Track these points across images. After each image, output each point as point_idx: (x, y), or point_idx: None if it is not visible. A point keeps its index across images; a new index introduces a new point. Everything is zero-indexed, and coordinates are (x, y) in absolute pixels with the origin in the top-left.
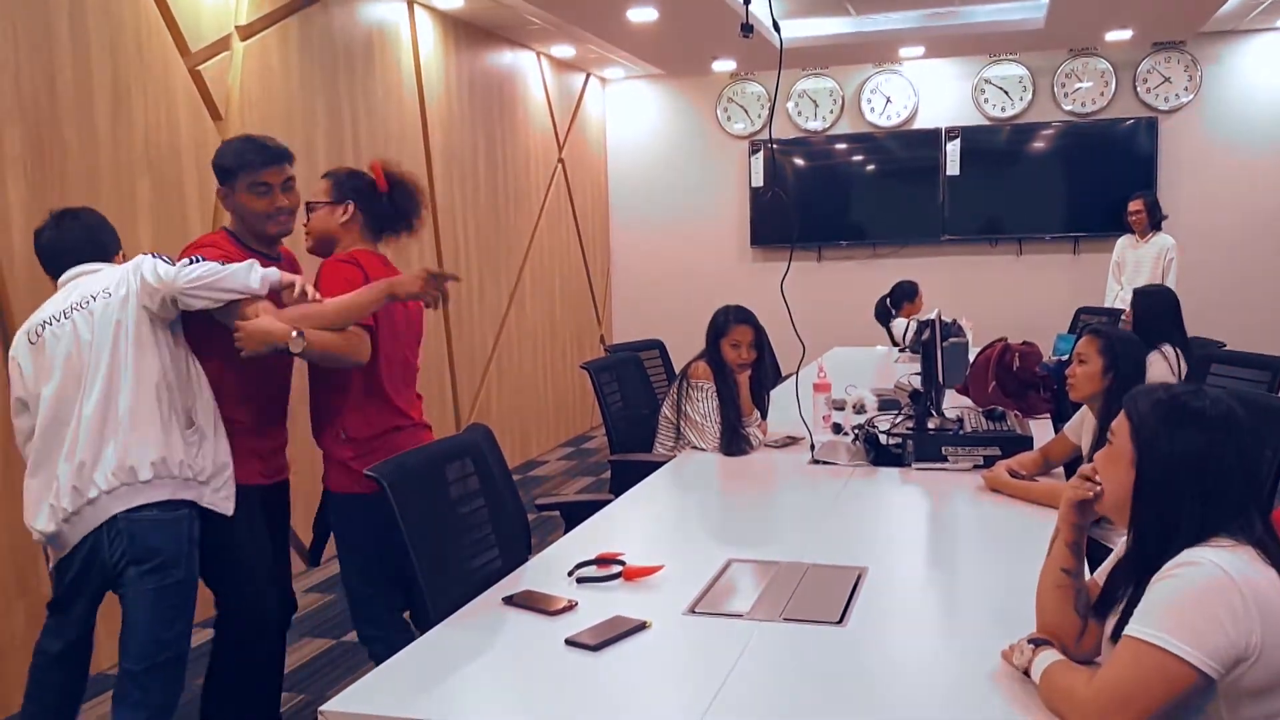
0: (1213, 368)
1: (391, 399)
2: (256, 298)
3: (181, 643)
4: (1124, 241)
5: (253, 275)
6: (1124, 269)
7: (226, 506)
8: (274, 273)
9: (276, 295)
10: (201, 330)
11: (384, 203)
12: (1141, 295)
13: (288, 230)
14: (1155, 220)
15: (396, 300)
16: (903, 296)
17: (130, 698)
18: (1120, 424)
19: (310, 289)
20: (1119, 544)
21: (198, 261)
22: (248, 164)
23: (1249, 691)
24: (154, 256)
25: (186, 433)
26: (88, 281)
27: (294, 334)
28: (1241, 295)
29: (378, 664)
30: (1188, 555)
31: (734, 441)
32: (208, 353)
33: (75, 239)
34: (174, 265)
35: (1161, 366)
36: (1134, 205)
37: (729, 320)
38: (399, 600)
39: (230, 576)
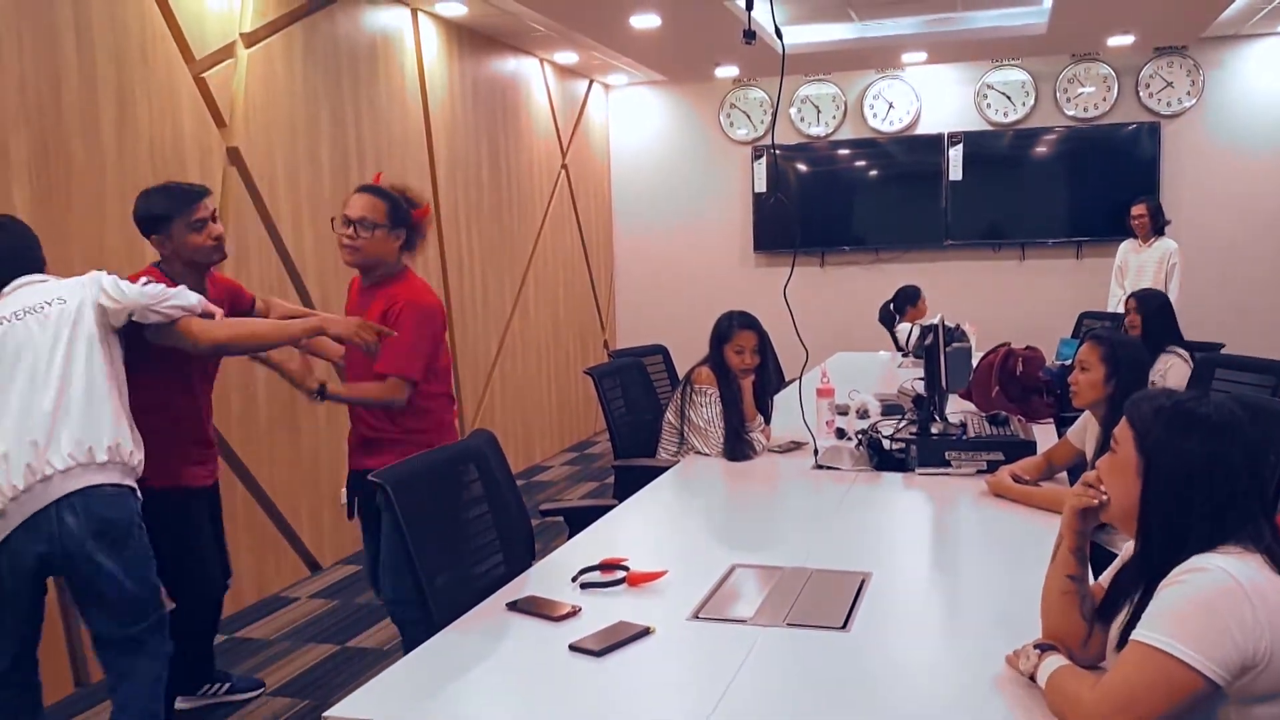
0: (1217, 373)
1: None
2: (193, 313)
3: (159, 597)
4: (1127, 246)
5: (191, 296)
6: (1127, 273)
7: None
8: (198, 296)
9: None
10: (180, 356)
11: (417, 228)
12: (1145, 299)
13: (226, 255)
14: (1158, 225)
15: (325, 335)
16: (906, 301)
17: (135, 662)
18: (1124, 432)
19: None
20: (1123, 549)
21: (149, 282)
22: (181, 207)
23: (1261, 697)
24: (108, 274)
25: (134, 431)
26: (39, 290)
27: (313, 390)
28: (1244, 299)
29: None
30: (1196, 561)
31: (737, 446)
32: (184, 373)
33: (12, 248)
34: (130, 284)
35: (1182, 368)
36: (1137, 210)
37: (732, 325)
38: None
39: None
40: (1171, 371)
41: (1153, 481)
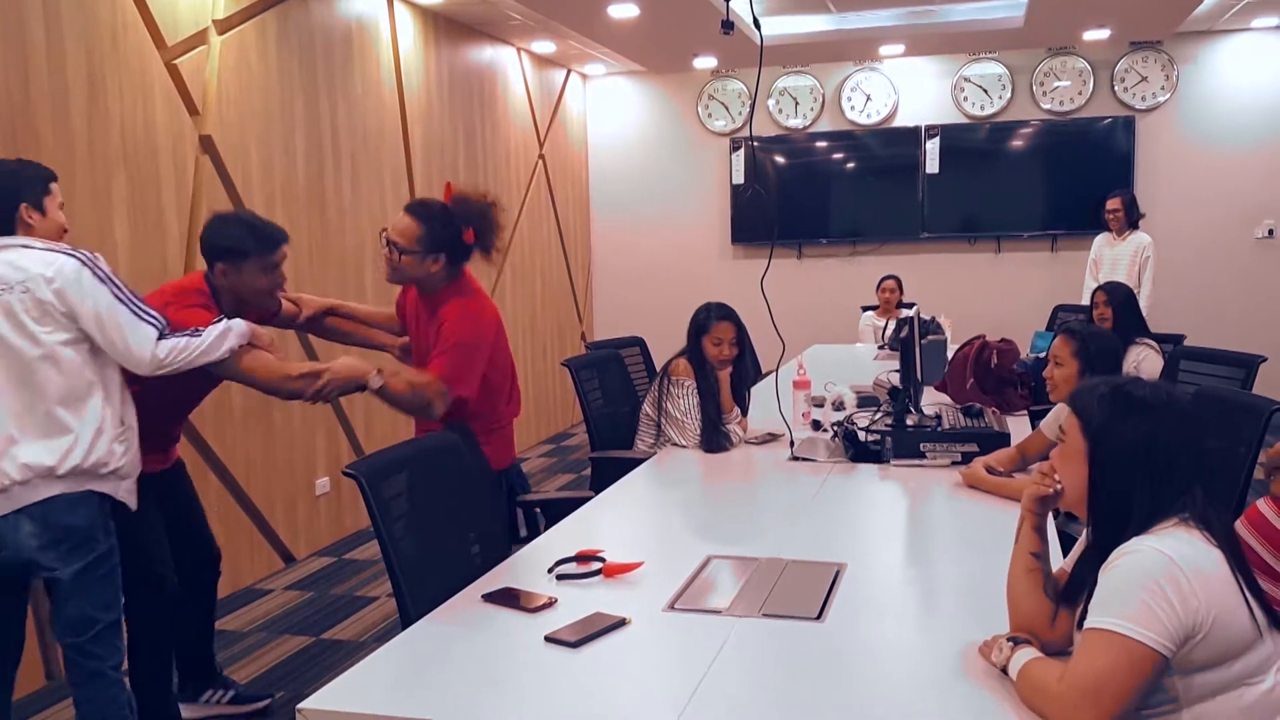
0: (1188, 365)
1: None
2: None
3: (116, 607)
4: (1101, 239)
5: (226, 343)
6: (1101, 267)
7: (131, 501)
8: (240, 325)
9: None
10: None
11: (469, 245)
12: (1113, 291)
13: (276, 306)
14: (1133, 218)
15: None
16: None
17: (85, 668)
18: (1070, 422)
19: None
20: (1082, 536)
21: (168, 334)
22: (264, 247)
23: (1200, 664)
24: (98, 277)
25: (117, 430)
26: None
27: (374, 373)
28: (1216, 293)
29: None
30: (1129, 545)
31: (714, 438)
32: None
33: None
34: (134, 312)
35: (1155, 359)
36: (1111, 204)
37: (710, 317)
38: None
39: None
40: (1145, 363)
41: (1097, 462)
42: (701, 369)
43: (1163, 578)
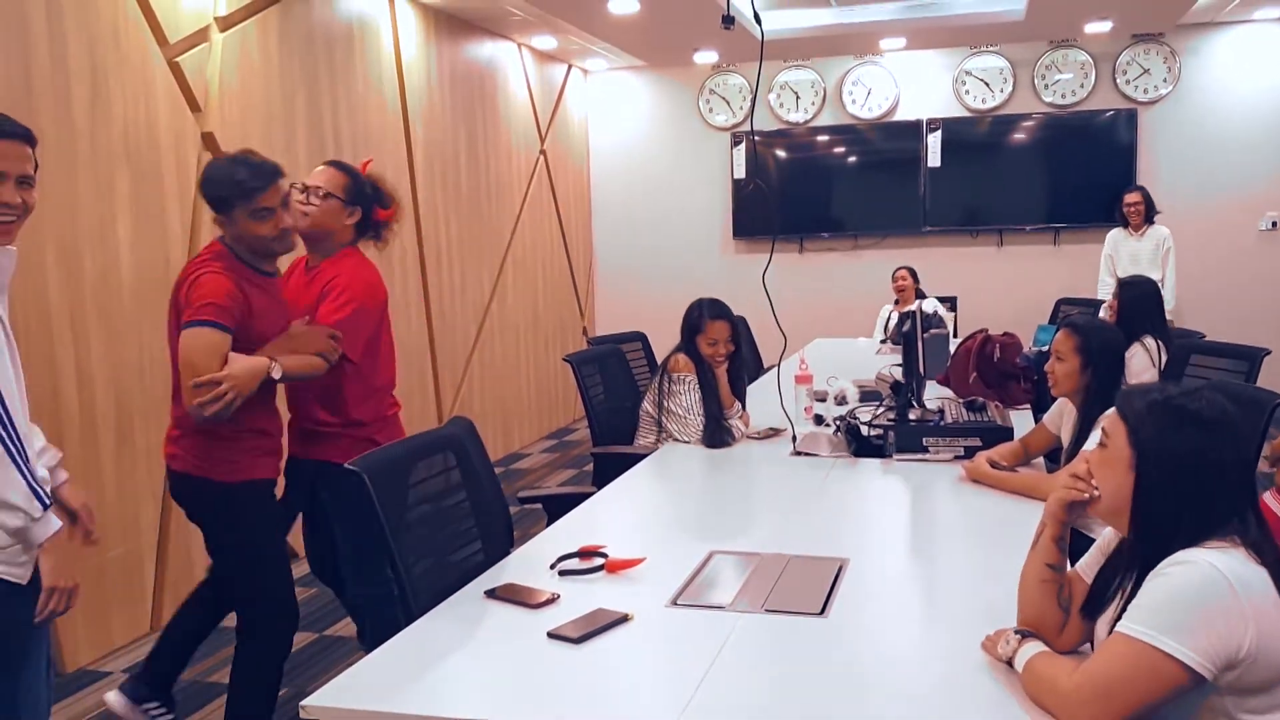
0: (1192, 358)
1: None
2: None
3: None
4: (1117, 234)
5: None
6: (1118, 262)
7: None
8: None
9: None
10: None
11: (379, 222)
12: (1126, 286)
13: (291, 247)
14: (1152, 213)
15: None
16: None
17: None
18: (1115, 427)
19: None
20: (1101, 537)
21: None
22: (245, 191)
23: (1252, 688)
24: None
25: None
26: None
27: (271, 362)
28: (1219, 286)
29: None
30: (1182, 555)
31: (717, 433)
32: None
33: None
34: None
35: (1143, 359)
36: (1131, 198)
37: (703, 316)
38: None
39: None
40: (1134, 360)
41: (1145, 476)
42: (701, 364)
43: (1212, 594)
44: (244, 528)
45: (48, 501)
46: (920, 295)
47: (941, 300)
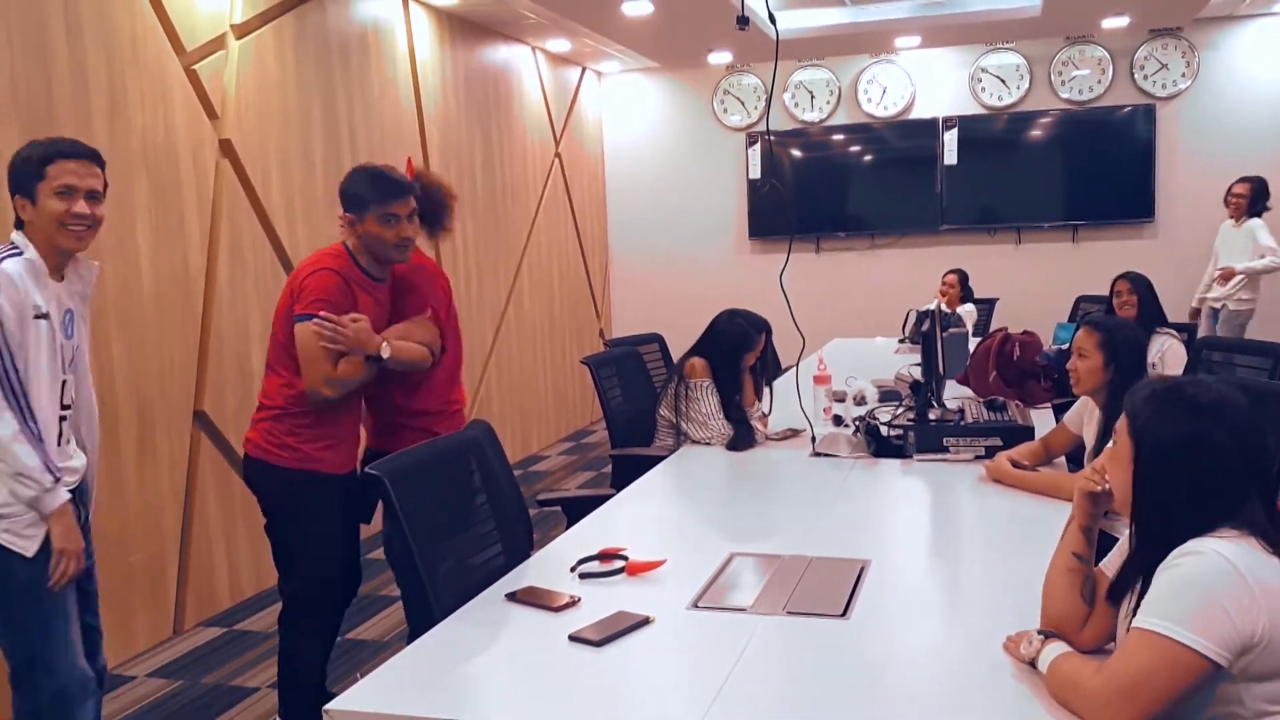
0: (1213, 356)
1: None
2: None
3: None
4: (1225, 225)
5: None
6: (1220, 253)
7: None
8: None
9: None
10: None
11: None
12: (1137, 280)
13: (406, 260)
14: (1257, 208)
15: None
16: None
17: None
18: (1121, 422)
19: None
20: (1124, 534)
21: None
22: (381, 196)
23: (1262, 675)
24: None
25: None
26: None
27: (384, 344)
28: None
29: None
30: (1191, 545)
31: (748, 437)
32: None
33: None
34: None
35: (1178, 349)
36: (1239, 188)
37: (753, 332)
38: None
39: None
40: (1169, 353)
41: (1140, 462)
42: (723, 370)
43: (1222, 583)
44: (289, 515)
45: (59, 475)
46: (966, 298)
47: (980, 303)
